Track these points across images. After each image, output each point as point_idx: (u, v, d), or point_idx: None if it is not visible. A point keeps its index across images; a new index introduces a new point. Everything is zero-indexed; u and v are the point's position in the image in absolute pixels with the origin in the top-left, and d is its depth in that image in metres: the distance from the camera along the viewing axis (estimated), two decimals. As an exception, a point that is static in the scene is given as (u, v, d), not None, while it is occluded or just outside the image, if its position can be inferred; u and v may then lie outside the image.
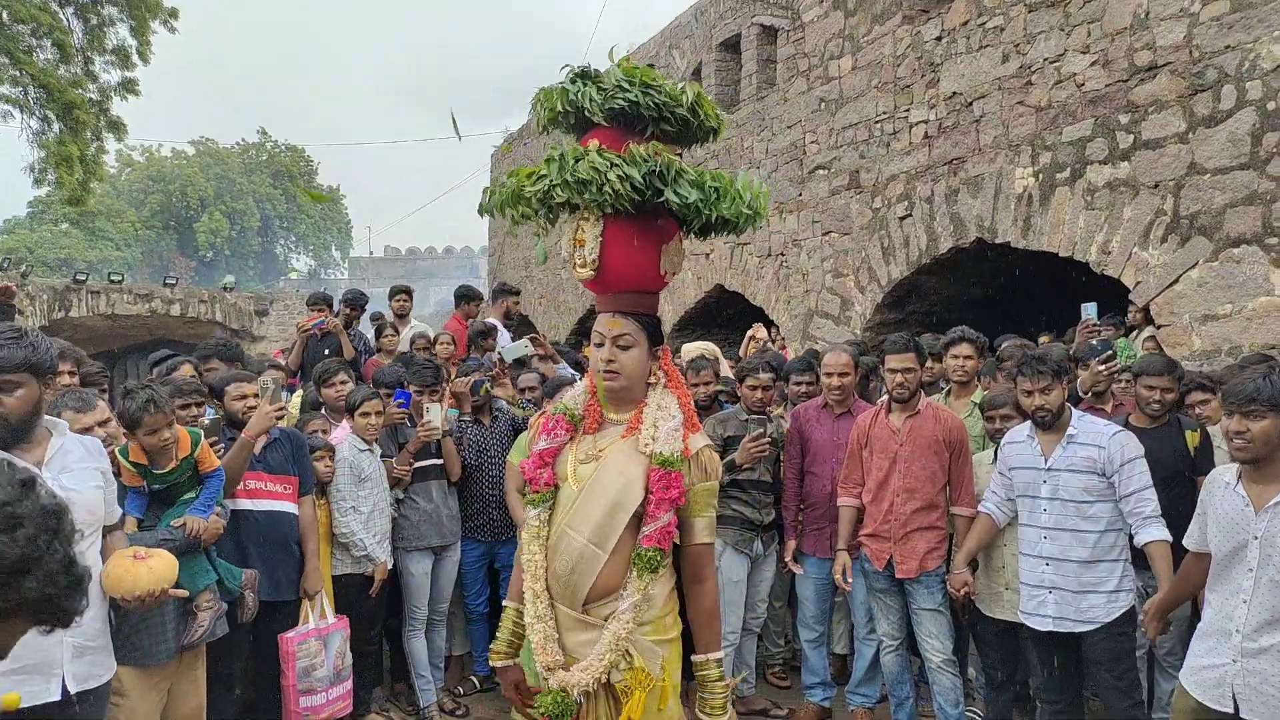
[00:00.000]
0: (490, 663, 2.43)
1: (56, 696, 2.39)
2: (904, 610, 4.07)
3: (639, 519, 2.21)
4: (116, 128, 21.49)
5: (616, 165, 2.13)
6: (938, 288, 8.78)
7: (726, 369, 5.81)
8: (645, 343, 2.29)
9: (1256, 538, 2.65)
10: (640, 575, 2.18)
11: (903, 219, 8.44)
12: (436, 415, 4.52)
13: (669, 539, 2.20)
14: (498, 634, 2.40)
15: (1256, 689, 2.62)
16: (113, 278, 20.05)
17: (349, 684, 4.02)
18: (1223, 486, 2.82)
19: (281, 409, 3.92)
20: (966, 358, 4.47)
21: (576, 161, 2.16)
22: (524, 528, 2.34)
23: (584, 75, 2.25)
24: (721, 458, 4.25)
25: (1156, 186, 5.98)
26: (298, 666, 3.81)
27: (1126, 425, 3.79)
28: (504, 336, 6.71)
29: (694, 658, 2.27)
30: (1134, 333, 6.50)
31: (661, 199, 2.17)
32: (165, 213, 44.04)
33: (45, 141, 19.83)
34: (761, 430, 4.28)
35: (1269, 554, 2.62)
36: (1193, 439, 3.98)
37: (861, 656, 4.41)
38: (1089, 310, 4.96)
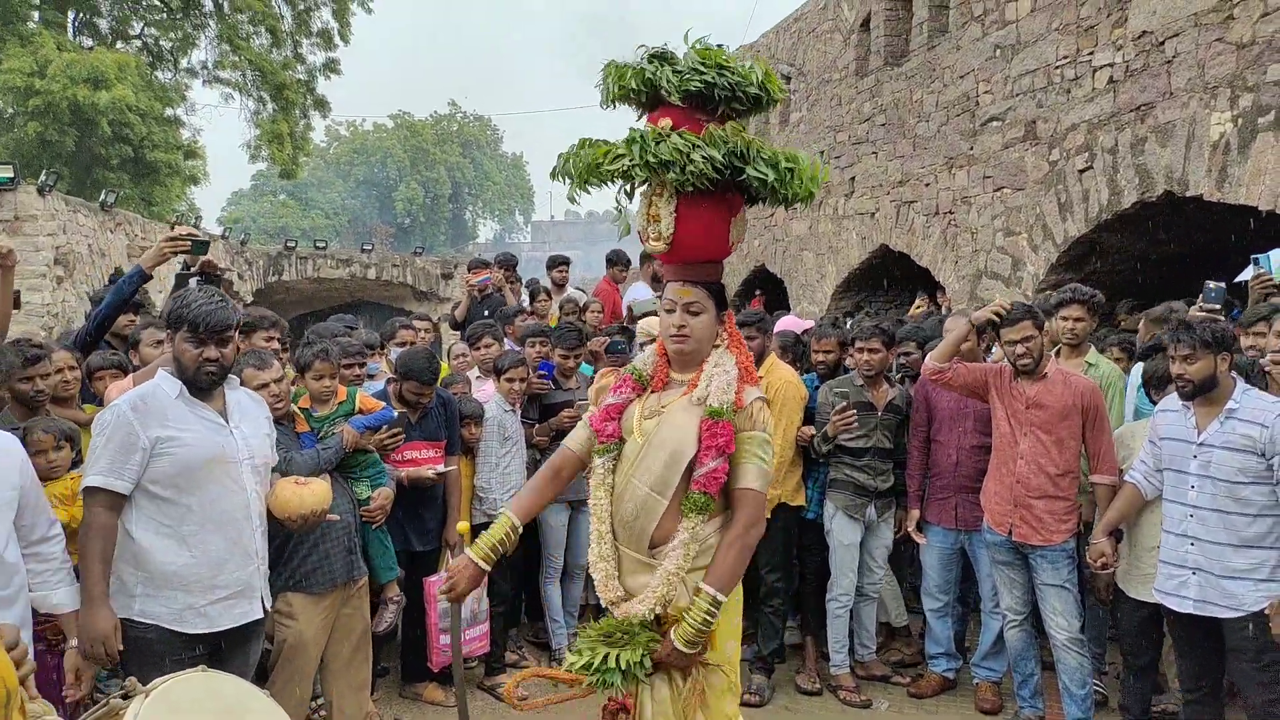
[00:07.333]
0: (473, 555, 2.48)
1: (260, 615, 2.85)
2: (1028, 584, 3.93)
3: (694, 468, 2.33)
4: (321, 105, 23.36)
5: (699, 146, 2.22)
6: (1122, 245, 8.12)
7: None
8: (713, 308, 2.41)
9: None
10: (688, 516, 2.31)
11: (1082, 172, 7.84)
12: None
13: (716, 484, 2.31)
14: (487, 534, 2.48)
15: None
16: (318, 244, 21.88)
17: (486, 625, 4.36)
18: None
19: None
20: (1077, 319, 4.19)
21: (657, 143, 2.25)
22: (591, 475, 2.51)
23: (660, 56, 2.32)
24: None
25: (1377, 128, 5.27)
26: (439, 608, 4.14)
27: None
28: (643, 291, 6.88)
29: (699, 583, 2.30)
30: None
31: (741, 176, 2.26)
32: (368, 183, 47.40)
33: (260, 120, 21.87)
34: (845, 404, 4.28)
35: None
36: None
37: (988, 629, 4.30)
38: (1261, 262, 4.37)
